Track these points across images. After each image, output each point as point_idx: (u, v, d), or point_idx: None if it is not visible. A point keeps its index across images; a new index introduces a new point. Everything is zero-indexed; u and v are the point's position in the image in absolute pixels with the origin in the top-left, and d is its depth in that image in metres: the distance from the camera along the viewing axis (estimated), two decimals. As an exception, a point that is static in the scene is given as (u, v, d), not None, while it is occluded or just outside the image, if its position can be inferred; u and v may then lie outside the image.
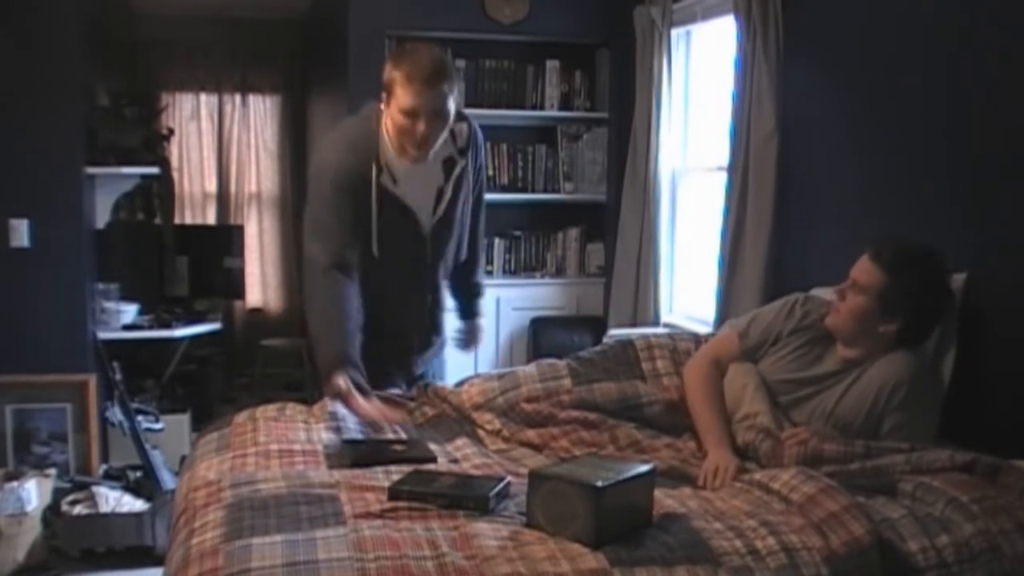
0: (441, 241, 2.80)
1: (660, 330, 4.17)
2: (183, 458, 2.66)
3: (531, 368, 2.69)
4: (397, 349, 2.85)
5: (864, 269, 2.40)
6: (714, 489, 2.14)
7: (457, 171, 2.74)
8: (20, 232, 4.22)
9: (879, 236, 2.49)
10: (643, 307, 4.55)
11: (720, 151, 3.94)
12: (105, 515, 3.80)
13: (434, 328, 2.97)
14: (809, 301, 2.60)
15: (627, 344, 2.78)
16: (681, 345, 2.77)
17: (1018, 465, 2.07)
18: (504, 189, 5.16)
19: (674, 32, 4.40)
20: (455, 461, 2.26)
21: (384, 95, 2.59)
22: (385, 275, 2.68)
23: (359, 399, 2.43)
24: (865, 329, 2.40)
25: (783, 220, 3.54)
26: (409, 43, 2.74)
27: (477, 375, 2.79)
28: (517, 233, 5.25)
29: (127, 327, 4.65)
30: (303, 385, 6.01)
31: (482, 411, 2.56)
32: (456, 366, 3.28)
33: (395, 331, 2.81)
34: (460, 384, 2.73)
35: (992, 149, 2.61)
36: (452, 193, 2.74)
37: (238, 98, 6.98)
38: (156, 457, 4.14)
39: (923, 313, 2.40)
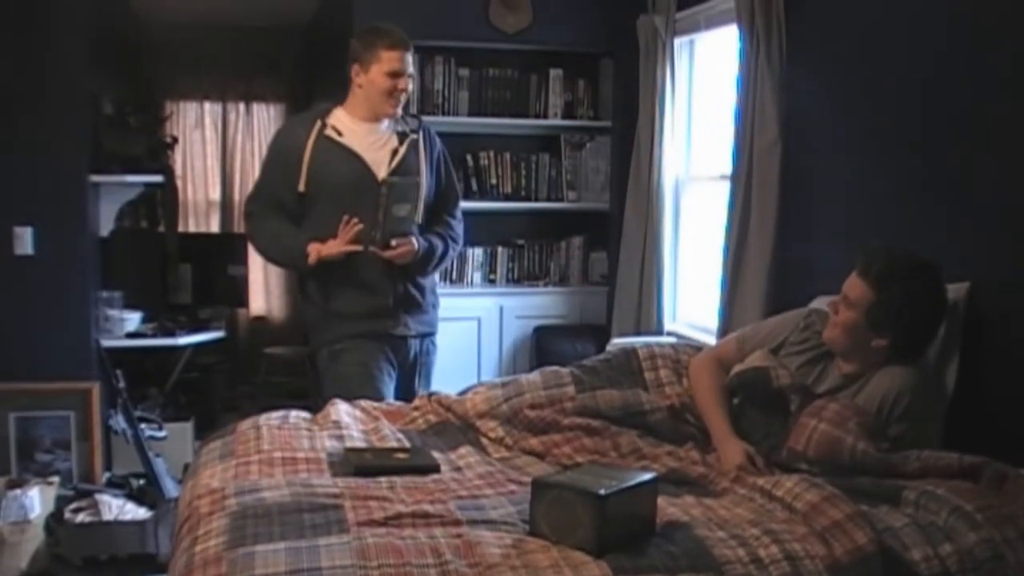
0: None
1: (663, 339, 4.16)
2: (186, 466, 2.67)
3: (535, 376, 2.69)
4: (373, 297, 3.19)
5: (853, 284, 2.39)
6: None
7: (410, 138, 3.29)
8: (24, 240, 4.23)
9: (871, 246, 2.45)
10: (646, 316, 4.55)
11: (723, 160, 3.94)
12: (108, 523, 3.80)
13: (412, 282, 3.24)
14: (814, 314, 2.60)
15: (630, 353, 2.79)
16: (684, 356, 2.77)
17: (1024, 474, 2.06)
18: (507, 198, 5.16)
19: (677, 41, 4.40)
20: (458, 469, 2.26)
21: (358, 67, 3.21)
22: (340, 211, 3.10)
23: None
24: (858, 344, 2.39)
25: (786, 228, 3.53)
26: (371, 24, 3.29)
27: (481, 383, 2.80)
28: (520, 242, 5.24)
29: (131, 335, 4.66)
30: (306, 393, 6.00)
31: (486, 419, 2.56)
32: (459, 373, 3.28)
33: (364, 273, 3.15)
34: (464, 392, 2.73)
35: (996, 158, 2.61)
36: (406, 151, 3.25)
37: (242, 107, 7.00)
38: (159, 465, 4.15)
39: (911, 329, 2.37)
